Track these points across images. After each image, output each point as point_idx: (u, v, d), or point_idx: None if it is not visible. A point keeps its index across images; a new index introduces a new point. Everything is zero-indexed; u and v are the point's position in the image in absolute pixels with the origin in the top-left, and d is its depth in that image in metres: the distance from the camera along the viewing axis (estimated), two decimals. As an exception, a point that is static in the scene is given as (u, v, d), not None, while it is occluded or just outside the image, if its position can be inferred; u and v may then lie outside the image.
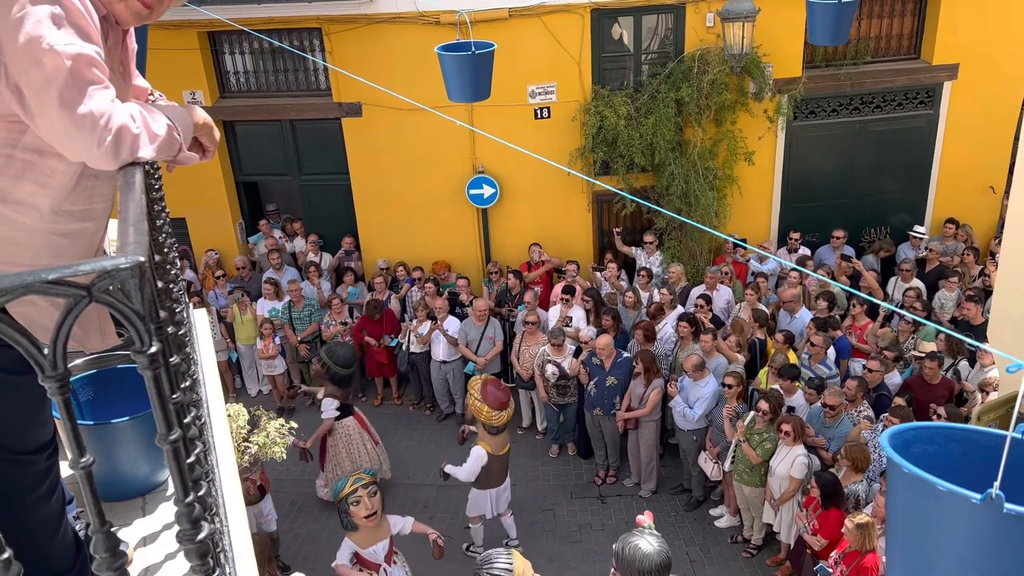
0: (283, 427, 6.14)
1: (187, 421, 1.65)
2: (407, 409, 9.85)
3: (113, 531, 1.13)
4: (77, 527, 2.12)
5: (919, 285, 8.79)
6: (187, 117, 1.77)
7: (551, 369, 8.13)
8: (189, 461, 1.42)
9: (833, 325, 7.99)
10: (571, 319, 8.73)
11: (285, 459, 6.43)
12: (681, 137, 9.54)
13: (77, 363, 2.31)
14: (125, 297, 1.04)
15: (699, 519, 7.78)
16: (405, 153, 9.91)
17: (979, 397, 6.85)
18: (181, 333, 2.15)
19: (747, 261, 9.73)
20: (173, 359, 1.60)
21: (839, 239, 9.77)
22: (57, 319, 1.00)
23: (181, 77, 9.73)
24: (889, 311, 8.42)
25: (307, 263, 10.23)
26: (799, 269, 8.41)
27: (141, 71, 2.12)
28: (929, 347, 7.55)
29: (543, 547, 7.39)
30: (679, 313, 8.37)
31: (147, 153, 1.57)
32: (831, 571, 5.56)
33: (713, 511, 7.79)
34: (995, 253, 8.97)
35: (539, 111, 9.69)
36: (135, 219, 1.23)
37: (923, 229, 10.12)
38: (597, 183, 7.32)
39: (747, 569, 7.14)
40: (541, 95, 9.63)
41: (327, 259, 10.58)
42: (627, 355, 7.92)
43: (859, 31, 9.73)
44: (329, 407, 7.46)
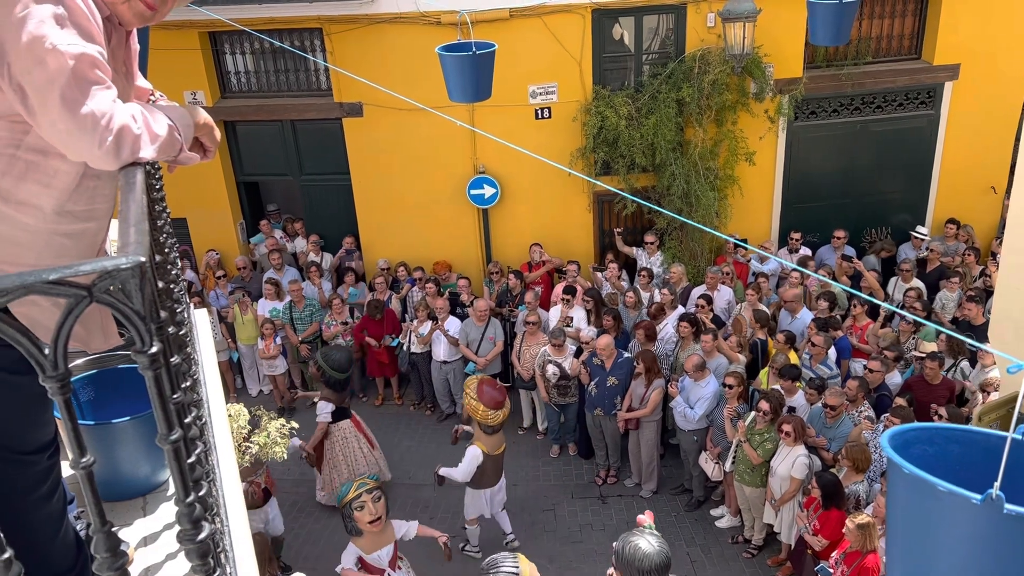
0: (284, 427, 6.15)
1: (188, 421, 1.66)
2: (408, 409, 9.85)
3: (114, 531, 1.14)
4: (78, 527, 2.13)
5: (919, 285, 8.79)
6: (188, 117, 1.78)
7: (552, 369, 8.13)
8: (190, 461, 1.42)
9: (834, 325, 7.98)
10: (572, 319, 8.73)
11: (286, 459, 6.44)
12: (682, 137, 9.54)
13: (78, 363, 2.32)
14: (126, 297, 1.04)
15: (700, 519, 7.78)
16: (406, 153, 9.91)
17: (980, 397, 6.85)
18: (182, 333, 2.15)
19: (748, 261, 9.73)
20: (174, 359, 1.60)
21: (840, 239, 9.77)
22: (58, 319, 1.00)
23: (182, 77, 9.74)
24: (890, 311, 8.42)
25: (308, 263, 10.24)
26: (800, 269, 8.41)
27: (143, 72, 2.12)
28: (930, 347, 7.55)
29: (544, 547, 7.39)
30: (680, 313, 8.37)
31: (148, 153, 1.57)
32: (832, 571, 5.56)
33: (714, 511, 7.79)
34: (996, 253, 8.97)
35: (540, 111, 9.69)
36: (136, 219, 1.24)
37: (925, 230, 10.11)
38: (598, 183, 7.32)
39: (748, 569, 7.14)
40: (542, 95, 9.63)
41: (328, 259, 10.58)
42: (628, 355, 7.92)
43: (860, 31, 9.73)
44: (324, 410, 7.47)
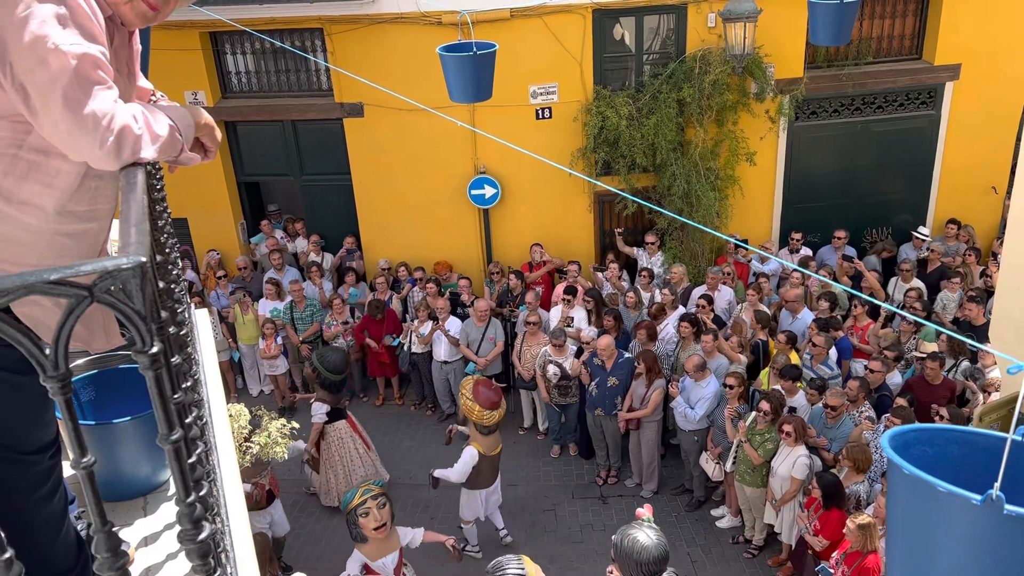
0: (284, 427, 6.15)
1: (188, 421, 1.66)
2: (408, 409, 9.85)
3: (115, 531, 1.14)
4: (79, 527, 2.13)
5: (920, 285, 8.78)
6: (189, 117, 1.78)
7: (552, 369, 8.13)
8: (190, 461, 1.42)
9: (835, 326, 7.98)
10: (573, 320, 8.73)
11: (287, 459, 6.44)
12: (683, 137, 9.54)
13: (79, 363, 2.32)
14: (127, 297, 1.04)
15: (700, 519, 7.78)
16: (407, 153, 9.92)
17: (981, 398, 6.85)
18: (183, 333, 2.16)
19: (749, 262, 9.73)
20: (174, 359, 1.60)
21: (841, 239, 9.77)
22: (58, 319, 1.00)
23: (183, 77, 9.74)
24: (890, 312, 8.41)
25: (309, 263, 10.24)
26: (800, 270, 8.41)
27: (144, 72, 2.12)
28: (930, 347, 7.55)
29: (544, 547, 7.38)
30: (681, 313, 8.37)
31: (149, 154, 1.58)
32: (832, 572, 5.56)
33: (714, 511, 7.79)
34: (997, 254, 8.96)
35: (540, 111, 9.69)
36: (137, 219, 1.24)
37: (926, 230, 10.10)
38: (598, 183, 7.33)
39: (748, 570, 7.14)
40: (543, 95, 9.63)
41: (329, 259, 10.59)
42: (628, 355, 7.92)
43: (861, 31, 9.73)
44: (319, 411, 7.48)
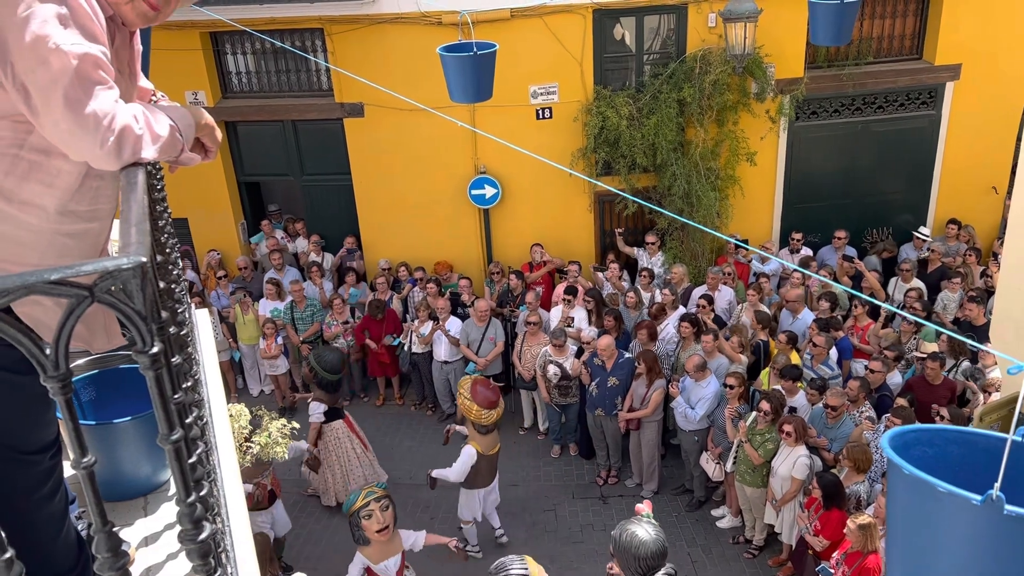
0: (285, 427, 6.15)
1: (189, 421, 1.66)
2: (409, 409, 9.86)
3: (115, 531, 1.14)
4: (79, 527, 2.13)
5: (920, 285, 8.78)
6: (189, 118, 1.78)
7: (553, 370, 8.13)
8: (191, 461, 1.42)
9: (835, 326, 7.98)
10: (573, 320, 8.73)
11: (287, 459, 6.45)
12: (683, 137, 9.54)
13: (79, 363, 2.32)
14: (127, 297, 1.04)
15: (701, 520, 7.78)
16: (407, 153, 9.92)
17: (981, 398, 6.84)
18: (183, 333, 2.16)
19: (749, 262, 9.73)
20: (175, 359, 1.60)
21: (841, 240, 9.76)
22: (59, 319, 1.00)
23: (183, 78, 9.74)
24: (891, 312, 8.41)
25: (309, 263, 10.25)
26: (800, 270, 8.40)
27: (145, 72, 2.13)
28: (931, 348, 7.55)
29: (545, 547, 7.38)
30: (681, 313, 8.37)
31: (149, 154, 1.58)
32: (833, 572, 5.56)
33: (715, 512, 7.78)
34: (997, 254, 8.96)
35: (541, 111, 9.69)
36: (137, 219, 1.24)
37: (927, 230, 10.10)
38: (599, 184, 7.33)
39: (749, 570, 7.13)
40: (543, 95, 9.63)
41: (329, 259, 10.59)
42: (629, 355, 7.92)
43: (861, 31, 9.72)
44: (316, 410, 7.49)
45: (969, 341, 3.92)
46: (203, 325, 4.04)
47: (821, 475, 6.17)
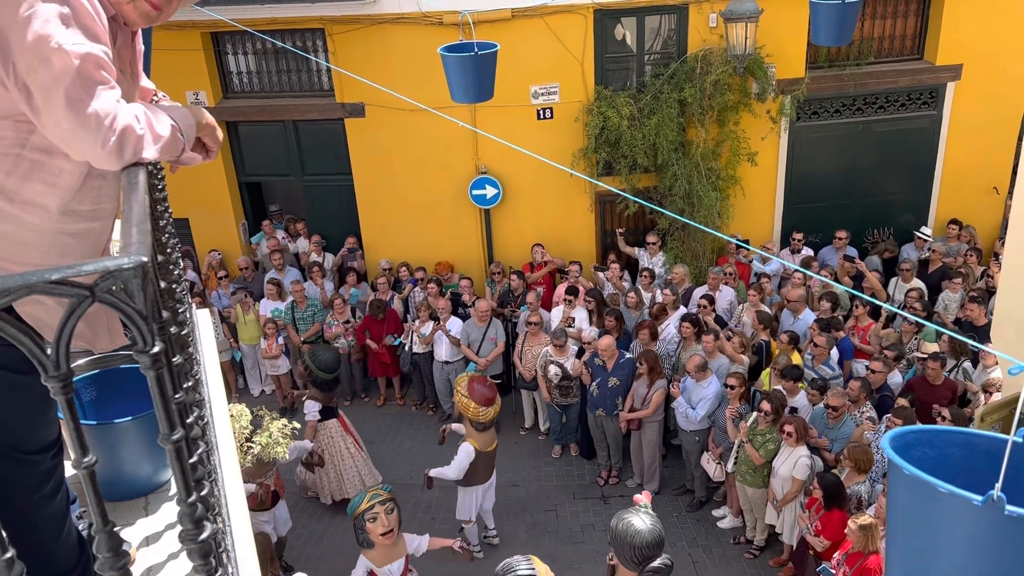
0: (286, 427, 6.15)
1: (190, 421, 1.66)
2: (410, 409, 9.86)
3: (116, 531, 1.14)
4: (80, 527, 2.13)
5: (920, 286, 8.78)
6: (190, 117, 1.78)
7: (554, 370, 8.13)
8: (191, 461, 1.42)
9: (836, 326, 7.98)
10: (574, 320, 8.73)
11: (288, 460, 6.45)
12: (684, 138, 9.54)
13: (80, 363, 2.32)
14: (128, 297, 1.04)
15: (702, 520, 7.78)
16: (408, 154, 9.92)
17: (982, 398, 6.84)
18: (184, 333, 2.16)
19: (750, 262, 9.72)
20: (176, 359, 1.60)
21: (842, 240, 9.76)
22: (60, 319, 1.00)
23: (184, 78, 9.75)
24: (891, 312, 8.41)
25: (310, 263, 10.25)
26: (801, 270, 8.40)
27: (146, 72, 2.13)
28: (932, 348, 7.54)
29: (545, 548, 7.38)
30: (682, 314, 8.37)
31: (150, 154, 1.58)
32: (834, 572, 5.55)
33: (716, 512, 7.78)
34: (998, 254, 8.95)
35: (542, 112, 9.69)
36: (138, 219, 1.24)
37: (928, 231, 10.10)
38: (600, 184, 7.33)
39: (750, 570, 7.13)
40: (544, 96, 9.63)
41: (330, 259, 10.59)
42: (630, 356, 7.92)
43: (862, 32, 9.72)
44: (312, 409, 7.50)
45: (970, 341, 3.92)
46: (204, 325, 4.04)
47: (822, 475, 6.16)
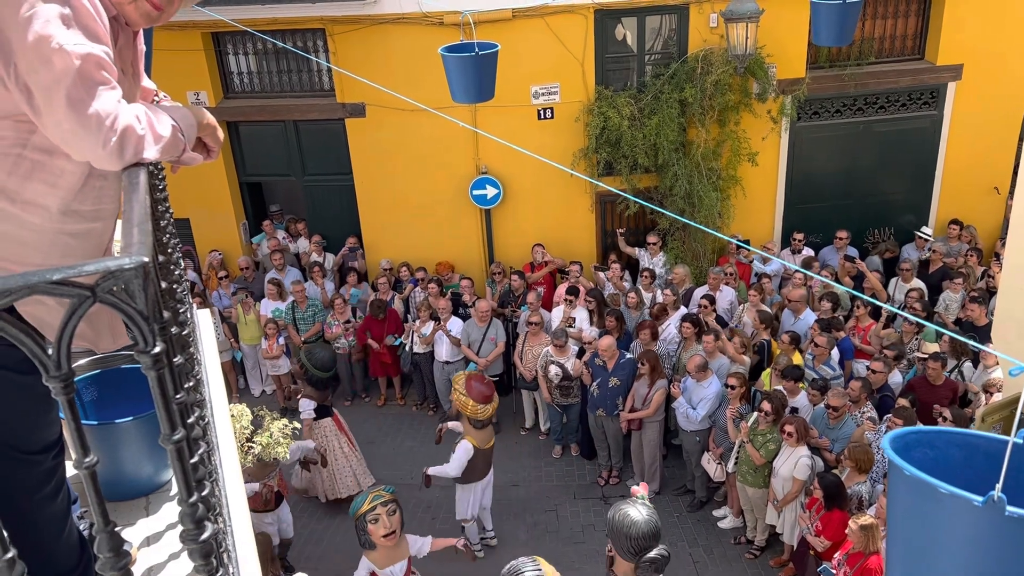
0: (287, 427, 6.15)
1: (191, 421, 1.66)
2: (410, 409, 9.86)
3: (117, 531, 1.14)
4: (81, 527, 2.13)
5: (920, 286, 8.77)
6: (191, 118, 1.78)
7: (554, 370, 8.13)
8: (193, 461, 1.42)
9: (837, 326, 7.97)
10: (574, 320, 8.73)
11: (289, 460, 6.45)
12: (684, 138, 9.53)
13: (81, 363, 2.32)
14: (129, 297, 1.04)
15: (702, 520, 7.78)
16: (408, 154, 9.92)
17: (983, 398, 6.84)
18: (185, 333, 2.16)
19: (750, 262, 9.72)
20: (177, 359, 1.60)
21: (843, 240, 9.76)
22: (61, 319, 1.00)
23: (185, 78, 9.75)
24: (892, 312, 8.40)
25: (311, 263, 10.25)
26: (801, 271, 8.40)
27: (147, 72, 2.13)
28: (932, 348, 7.54)
29: (546, 548, 7.38)
30: (682, 314, 8.36)
31: (151, 154, 1.58)
32: (835, 572, 5.55)
33: (716, 512, 7.78)
34: (999, 254, 8.94)
35: (542, 112, 9.69)
36: (139, 220, 1.24)
37: (929, 230, 10.09)
38: (600, 184, 7.33)
39: (750, 570, 7.13)
40: (544, 96, 9.63)
41: (330, 259, 10.59)
42: (630, 356, 7.92)
43: (863, 32, 9.71)
44: (307, 407, 7.51)
45: (971, 342, 3.92)
46: (205, 325, 4.04)
47: (823, 476, 6.16)
